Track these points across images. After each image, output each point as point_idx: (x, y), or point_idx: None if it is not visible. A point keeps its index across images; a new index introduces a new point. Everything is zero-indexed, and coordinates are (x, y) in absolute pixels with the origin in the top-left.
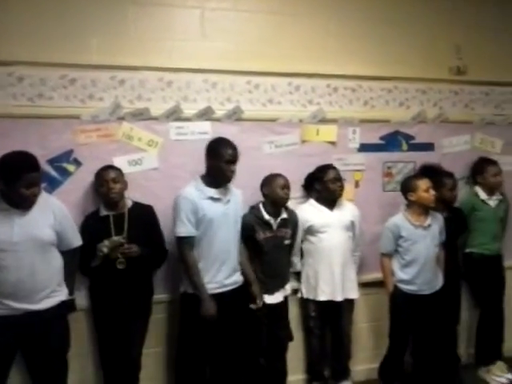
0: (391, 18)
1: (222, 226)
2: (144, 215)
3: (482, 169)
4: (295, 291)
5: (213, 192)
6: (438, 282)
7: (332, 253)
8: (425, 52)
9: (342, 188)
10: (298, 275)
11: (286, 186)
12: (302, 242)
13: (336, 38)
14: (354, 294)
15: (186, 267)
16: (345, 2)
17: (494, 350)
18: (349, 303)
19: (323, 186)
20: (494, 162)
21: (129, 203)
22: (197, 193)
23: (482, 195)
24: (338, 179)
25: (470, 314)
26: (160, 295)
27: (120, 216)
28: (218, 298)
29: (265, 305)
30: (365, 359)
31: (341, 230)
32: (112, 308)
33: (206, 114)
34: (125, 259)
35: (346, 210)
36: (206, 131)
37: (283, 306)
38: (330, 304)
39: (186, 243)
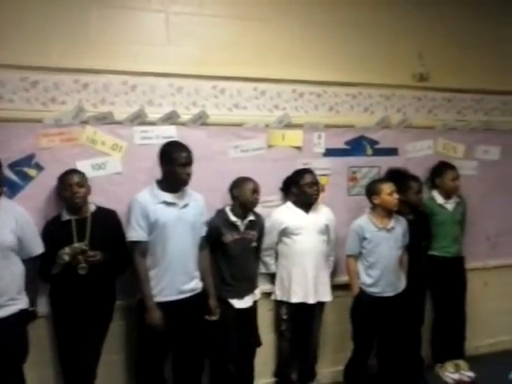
0: (356, 25)
1: (176, 231)
2: (107, 220)
3: (441, 172)
4: (268, 294)
5: (167, 196)
6: (401, 284)
7: (306, 255)
8: (389, 58)
9: (318, 192)
10: (271, 278)
11: (256, 191)
12: (276, 243)
13: (302, 44)
14: (326, 297)
15: (135, 273)
16: (311, 8)
17: (452, 348)
18: (320, 306)
19: (300, 189)
20: (452, 167)
21: (92, 208)
22: (150, 197)
23: (439, 199)
24: (315, 183)
25: (432, 315)
26: (119, 301)
27: (83, 221)
28: (175, 305)
29: (234, 309)
30: (331, 362)
31: (315, 233)
32: (73, 314)
33: (170, 119)
34: (87, 265)
35: (322, 214)
36: (171, 135)
37: (252, 311)
38: (302, 306)
39: (136, 248)
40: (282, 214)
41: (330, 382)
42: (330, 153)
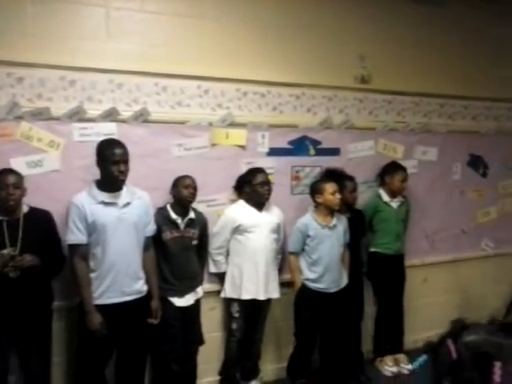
0: (300, 26)
1: (117, 232)
2: (40, 221)
3: (392, 172)
4: (212, 292)
5: (105, 196)
6: (343, 281)
7: (258, 253)
8: (331, 60)
9: (269, 192)
10: (217, 276)
11: (191, 186)
12: (229, 241)
13: (246, 44)
14: (275, 293)
15: (75, 277)
16: (255, 9)
17: (392, 342)
18: (268, 303)
19: (252, 188)
20: (403, 169)
21: (24, 209)
22: (88, 198)
23: (385, 197)
24: (267, 183)
25: (374, 311)
26: (60, 302)
27: (14, 222)
28: (118, 307)
29: (176, 308)
30: (274, 359)
31: (267, 232)
32: (5, 319)
33: (111, 115)
34: (17, 270)
35: (274, 213)
36: (112, 132)
37: (194, 309)
38: (252, 303)
39: (75, 251)
40: (235, 212)
41: (273, 379)
42: (273, 152)
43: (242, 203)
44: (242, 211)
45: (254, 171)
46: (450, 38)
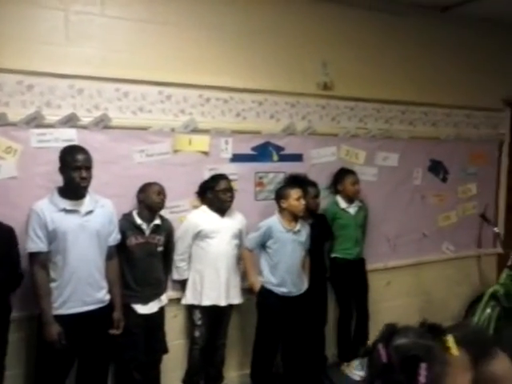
0: (263, 33)
1: (78, 240)
2: (3, 238)
3: (341, 178)
4: (177, 300)
5: (67, 203)
6: (304, 285)
7: (219, 258)
8: (294, 67)
9: (231, 198)
10: (180, 283)
11: (162, 193)
12: (190, 247)
13: (208, 49)
14: (237, 299)
15: (34, 286)
16: (218, 15)
17: (358, 347)
18: (230, 309)
19: (214, 194)
20: (352, 172)
21: None
22: (49, 205)
23: (342, 204)
24: (229, 189)
25: (337, 316)
26: (20, 312)
27: None
28: (79, 317)
29: (138, 315)
30: (238, 365)
31: (229, 237)
32: None
33: (70, 121)
34: None
35: (236, 219)
36: (72, 139)
37: (158, 317)
38: (214, 309)
39: (35, 260)
40: (197, 217)
41: None
42: (236, 158)
43: (204, 209)
44: (203, 217)
45: (217, 177)
46: (411, 46)
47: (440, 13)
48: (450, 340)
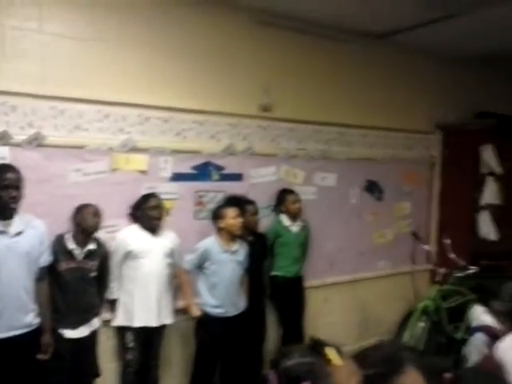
0: (205, 54)
1: (6, 262)
2: None
3: (282, 198)
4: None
5: None
6: (242, 304)
7: (150, 278)
8: (235, 89)
9: (160, 216)
10: (112, 304)
11: (97, 215)
12: (120, 266)
13: (149, 69)
14: (168, 319)
15: None
16: (160, 34)
17: None
18: (162, 329)
19: (143, 213)
20: (292, 192)
21: None
22: None
23: (286, 222)
24: (157, 207)
25: (276, 334)
26: None
27: None
28: (5, 342)
29: (67, 340)
30: None
31: (161, 257)
32: None
33: (2, 139)
34: None
35: (167, 238)
36: (4, 157)
37: (89, 340)
38: (146, 330)
39: None
40: (126, 237)
41: None
42: (176, 177)
43: (133, 227)
44: (133, 236)
45: (146, 196)
46: (348, 71)
47: (376, 40)
48: (331, 353)
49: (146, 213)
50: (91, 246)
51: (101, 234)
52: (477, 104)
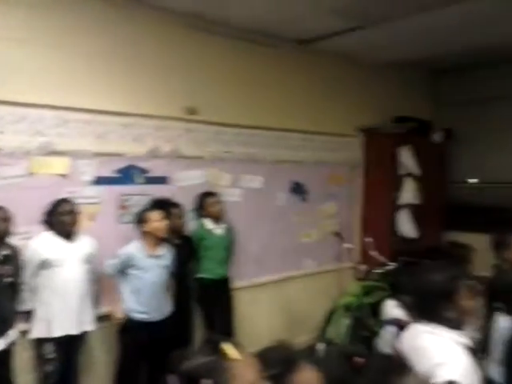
0: (127, 56)
1: None
2: None
3: (202, 201)
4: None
5: None
6: (168, 309)
7: (68, 286)
8: (160, 91)
9: (74, 221)
10: (28, 315)
11: (6, 219)
12: (34, 277)
13: (69, 70)
14: (89, 326)
15: None
16: (79, 34)
17: None
18: (84, 336)
19: (56, 218)
20: (211, 194)
21: None
22: None
23: (209, 225)
24: (70, 212)
25: (204, 336)
26: None
27: None
28: None
29: None
30: None
31: (78, 263)
32: None
33: None
34: None
35: (84, 243)
36: None
37: (5, 353)
38: (66, 339)
39: None
40: (40, 245)
41: None
42: (99, 181)
43: (46, 235)
44: (46, 244)
45: (59, 201)
46: (273, 75)
47: (299, 46)
48: (227, 348)
49: (59, 219)
50: (4, 252)
51: (16, 241)
52: (395, 108)
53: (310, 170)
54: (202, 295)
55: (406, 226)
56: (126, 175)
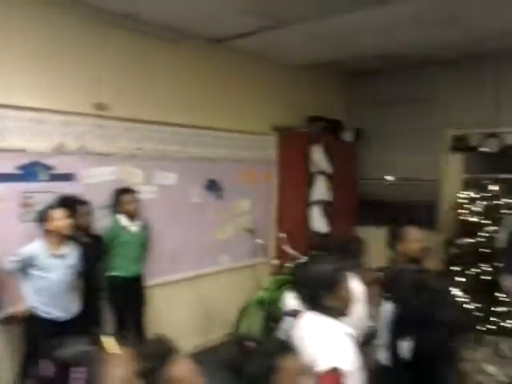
0: (31, 49)
1: None
2: None
3: (118, 198)
4: None
5: None
6: (75, 308)
7: None
8: (67, 86)
9: None
10: None
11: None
12: None
13: None
14: None
15: None
16: None
17: None
18: None
19: None
20: (128, 191)
21: None
22: None
23: (123, 222)
24: None
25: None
26: None
27: None
28: None
29: None
30: None
31: None
32: None
33: None
34: None
35: None
36: None
37: None
38: None
39: None
40: None
41: None
42: None
43: None
44: None
45: None
46: (188, 73)
47: (215, 44)
48: (107, 342)
49: None
50: None
51: None
52: (310, 108)
53: (225, 168)
54: (113, 294)
55: (319, 222)
56: (30, 172)
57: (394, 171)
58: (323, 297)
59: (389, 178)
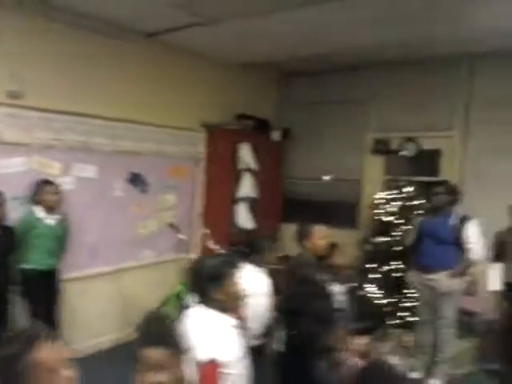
0: None
1: None
2: None
3: (39, 189)
4: None
5: None
6: None
7: None
8: None
9: None
10: None
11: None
12: None
13: None
14: None
15: None
16: None
17: None
18: None
19: None
20: (50, 183)
21: None
22: None
23: (40, 214)
24: None
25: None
26: None
27: None
28: None
29: None
30: None
31: None
32: None
33: None
34: None
35: None
36: None
37: None
38: None
39: None
40: None
41: None
42: None
43: None
44: None
45: None
46: (116, 65)
47: (146, 38)
48: None
49: None
50: None
51: None
52: (240, 106)
53: (151, 162)
54: (26, 286)
55: (244, 218)
56: None
57: (322, 171)
58: (211, 290)
59: (325, 177)
